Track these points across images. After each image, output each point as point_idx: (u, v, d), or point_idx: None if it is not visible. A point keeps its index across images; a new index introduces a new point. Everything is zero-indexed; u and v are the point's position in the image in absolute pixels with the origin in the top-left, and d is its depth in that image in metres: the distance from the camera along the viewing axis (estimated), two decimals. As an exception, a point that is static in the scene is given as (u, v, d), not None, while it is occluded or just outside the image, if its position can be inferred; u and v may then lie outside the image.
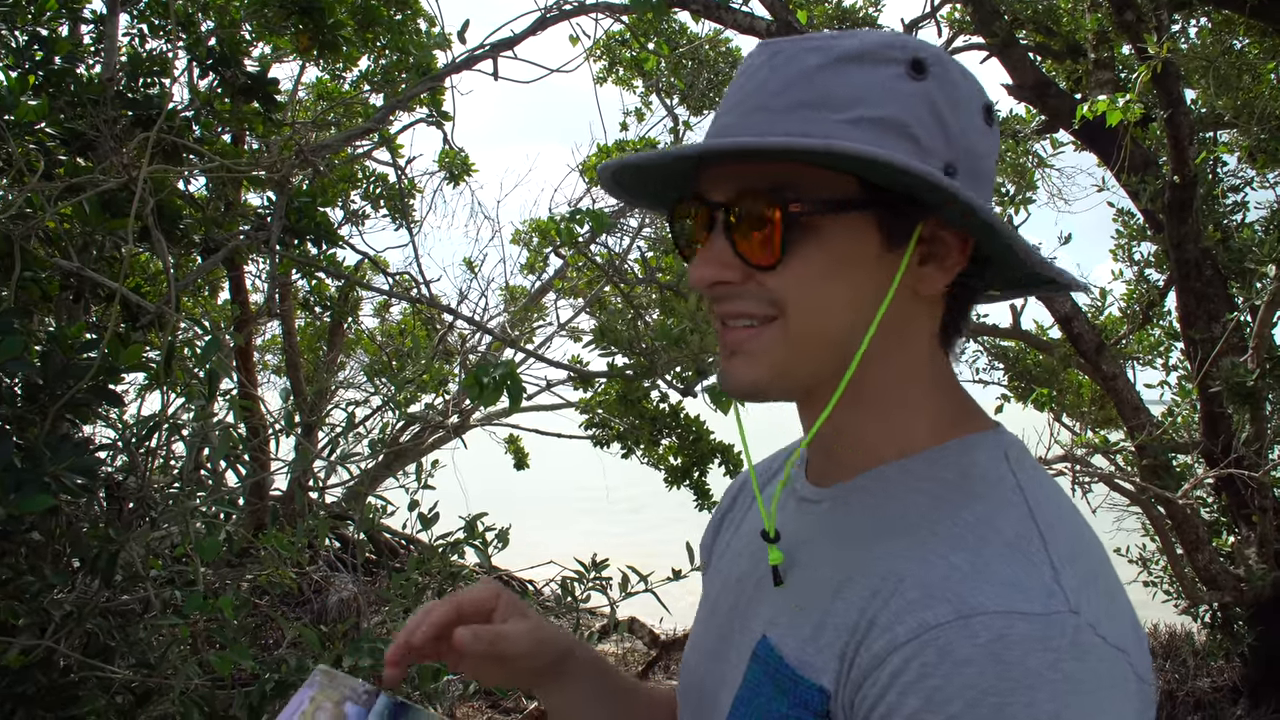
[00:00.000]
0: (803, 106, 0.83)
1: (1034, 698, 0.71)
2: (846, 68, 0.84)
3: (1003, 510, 0.83)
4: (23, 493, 2.13)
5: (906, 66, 0.84)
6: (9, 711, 2.37)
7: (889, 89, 0.83)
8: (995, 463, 0.88)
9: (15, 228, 2.73)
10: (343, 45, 4.33)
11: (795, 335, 0.87)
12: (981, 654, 0.73)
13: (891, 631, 0.78)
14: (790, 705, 0.84)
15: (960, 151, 0.85)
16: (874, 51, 0.84)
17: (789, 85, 0.84)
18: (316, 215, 3.88)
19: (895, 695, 0.75)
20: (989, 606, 0.75)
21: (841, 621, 0.83)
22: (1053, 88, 5.93)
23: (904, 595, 0.79)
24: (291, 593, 6.31)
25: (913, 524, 0.85)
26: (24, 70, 3.16)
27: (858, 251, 0.86)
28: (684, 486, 7.16)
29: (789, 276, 0.85)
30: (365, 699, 0.96)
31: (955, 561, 0.79)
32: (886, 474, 0.90)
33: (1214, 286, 5.56)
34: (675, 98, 7.85)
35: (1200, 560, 5.37)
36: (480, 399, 3.04)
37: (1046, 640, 0.73)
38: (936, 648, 0.74)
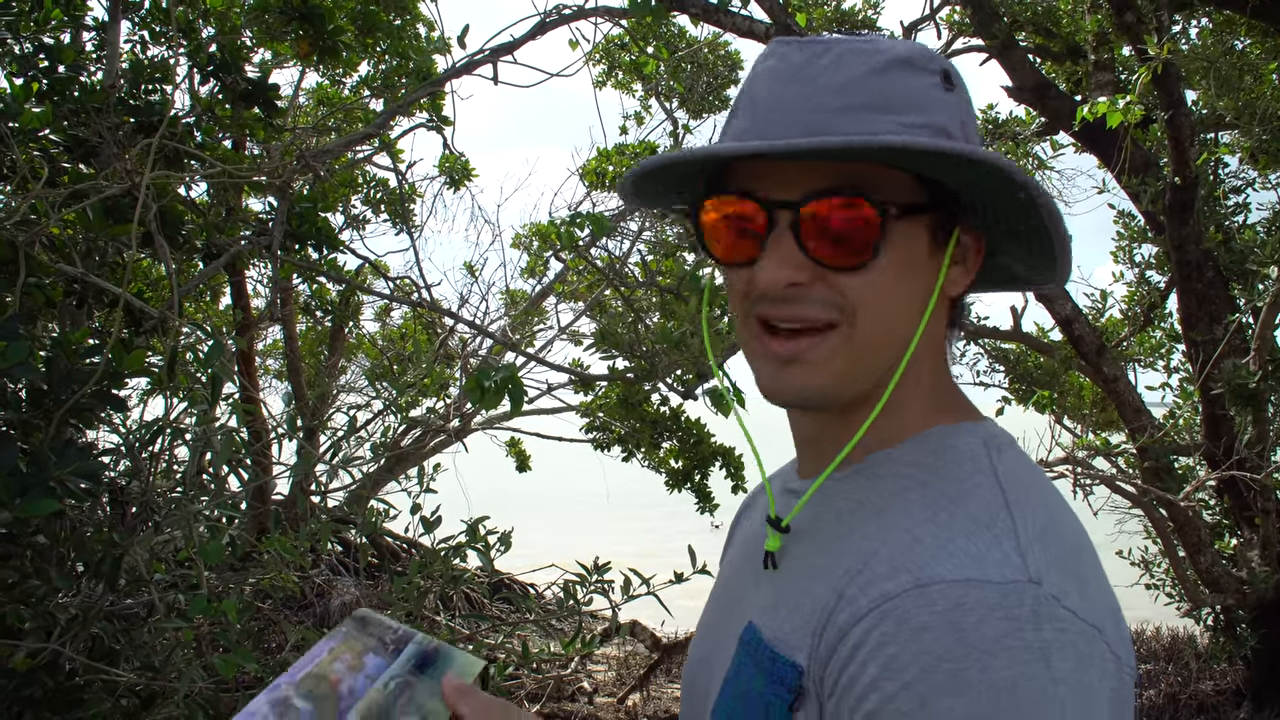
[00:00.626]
0: (865, 109, 0.84)
1: (989, 663, 0.71)
2: (899, 73, 0.86)
3: (973, 490, 0.84)
4: (28, 497, 2.14)
5: (941, 77, 0.88)
6: (16, 714, 2.38)
7: (934, 97, 0.87)
8: (972, 447, 0.89)
9: (20, 234, 2.74)
10: (343, 51, 4.34)
11: (860, 341, 0.87)
12: (938, 620, 0.73)
13: (855, 604, 0.79)
14: (768, 682, 0.85)
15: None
16: (917, 59, 0.87)
17: (848, 86, 0.84)
18: (318, 220, 3.89)
19: (856, 666, 0.76)
20: (946, 576, 0.76)
21: (817, 602, 0.84)
22: (1053, 90, 5.93)
23: (871, 569, 0.80)
24: (294, 596, 6.32)
25: (887, 505, 0.86)
26: (28, 78, 3.17)
27: (914, 255, 0.88)
28: (685, 489, 7.17)
29: (866, 279, 0.85)
30: (393, 647, 0.96)
31: (919, 534, 0.80)
32: (873, 462, 0.92)
33: (1215, 288, 5.56)
34: (674, 101, 7.87)
35: (1202, 563, 5.37)
36: (482, 402, 3.05)
37: (1005, 608, 0.74)
38: (895, 617, 0.75)
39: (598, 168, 7.80)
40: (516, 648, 4.40)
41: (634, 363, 4.14)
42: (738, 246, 0.89)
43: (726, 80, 7.72)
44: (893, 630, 0.75)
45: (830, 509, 0.92)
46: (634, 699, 6.56)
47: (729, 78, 7.75)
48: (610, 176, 7.76)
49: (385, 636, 0.97)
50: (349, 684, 0.94)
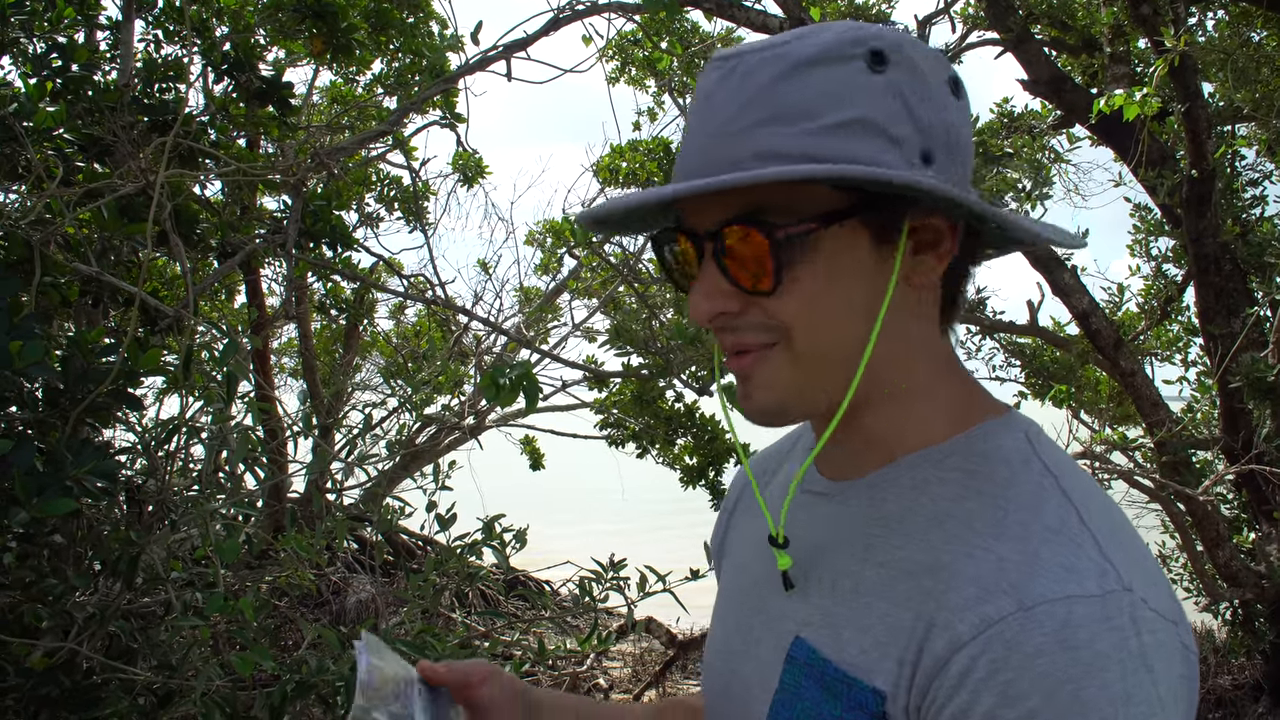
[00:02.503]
0: (769, 122, 0.81)
1: (1106, 679, 0.71)
2: (807, 73, 0.81)
3: (1038, 495, 0.82)
4: (45, 496, 2.14)
5: (866, 60, 0.82)
6: (33, 713, 2.39)
7: (853, 87, 0.81)
8: (1019, 446, 0.87)
9: (35, 234, 2.75)
10: (356, 49, 4.34)
11: (802, 355, 0.85)
12: (1050, 643, 0.73)
13: (952, 630, 0.77)
14: (845, 708, 0.83)
15: (934, 134, 0.83)
16: (831, 51, 0.82)
17: (750, 102, 0.81)
18: (332, 218, 3.89)
19: (967, 695, 0.75)
20: (1048, 594, 0.74)
21: (893, 622, 0.81)
22: (1068, 82, 5.89)
23: (959, 592, 0.78)
24: (310, 594, 6.34)
25: (946, 515, 0.84)
26: (42, 77, 3.18)
27: (851, 258, 0.84)
28: (700, 486, 7.16)
29: (788, 298, 0.84)
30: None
31: (1003, 553, 0.78)
32: (912, 465, 0.89)
33: (1233, 281, 5.52)
34: (688, 97, 7.84)
35: (1221, 557, 5.33)
36: (497, 400, 3.05)
37: (1109, 620, 0.73)
38: (1003, 641, 0.74)
39: (611, 164, 7.78)
40: (532, 644, 4.41)
41: (648, 359, 4.14)
42: (683, 279, 0.91)
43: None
44: (1003, 656, 0.73)
45: (869, 516, 0.89)
46: (650, 695, 6.57)
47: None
48: (624, 173, 7.75)
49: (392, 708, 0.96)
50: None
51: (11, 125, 2.84)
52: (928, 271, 0.87)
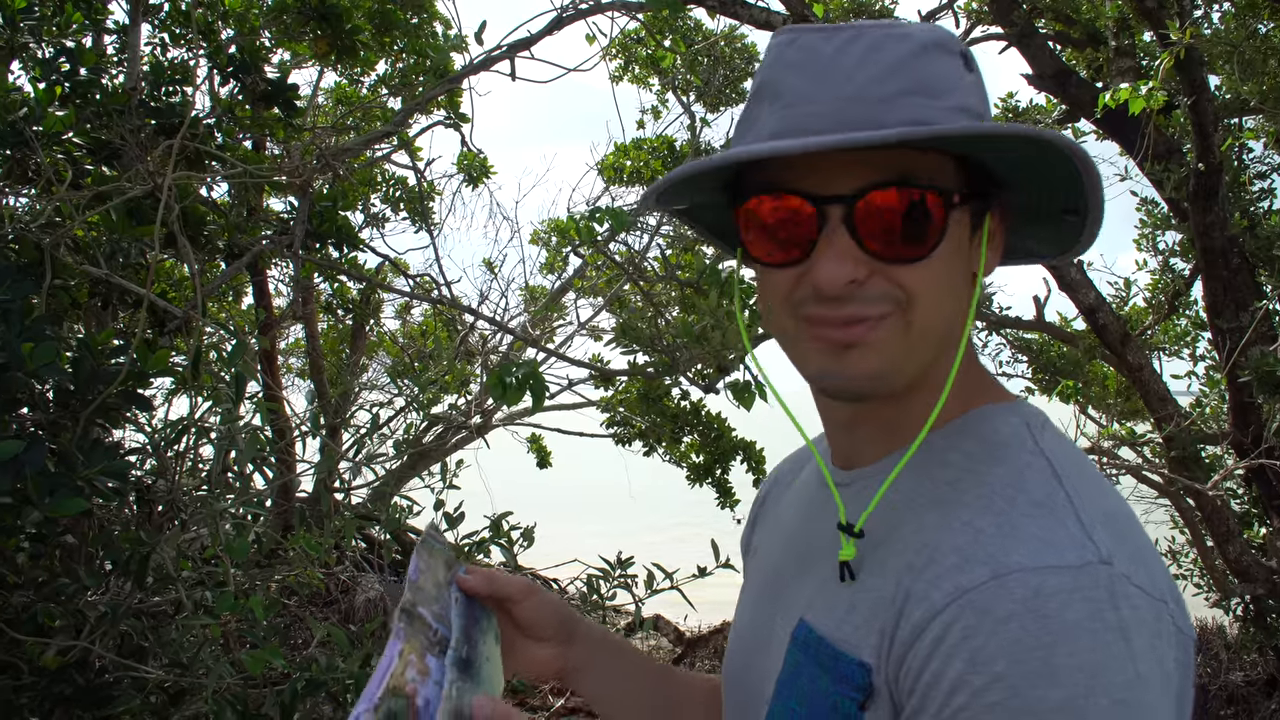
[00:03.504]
0: (907, 94, 0.82)
1: (1075, 647, 0.72)
2: (934, 56, 0.85)
3: (1026, 472, 0.83)
4: (57, 496, 2.16)
5: (962, 59, 0.87)
6: (47, 711, 2.41)
7: (963, 79, 0.86)
8: (1015, 429, 0.89)
9: (45, 236, 2.77)
10: (360, 50, 4.35)
11: (916, 329, 0.86)
12: (1021, 609, 0.73)
13: (928, 599, 0.78)
14: (833, 681, 0.85)
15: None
16: (944, 43, 0.86)
17: (888, 73, 0.82)
18: (338, 219, 3.91)
19: (939, 661, 0.76)
20: (1023, 564, 0.75)
21: (877, 596, 0.83)
22: (1073, 77, 5.88)
23: (938, 563, 0.79)
24: (319, 593, 6.36)
25: (940, 495, 0.86)
26: (51, 81, 3.20)
27: (960, 242, 0.88)
28: (706, 484, 7.16)
29: (926, 269, 0.84)
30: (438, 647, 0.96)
31: (981, 525, 0.80)
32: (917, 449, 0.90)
33: (1241, 275, 5.50)
34: (692, 95, 7.85)
35: (1231, 552, 5.31)
36: (504, 398, 3.05)
37: (1083, 590, 0.74)
38: (975, 609, 0.75)
39: (615, 163, 7.79)
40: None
41: (655, 357, 4.14)
42: (784, 246, 0.86)
43: (743, 73, 7.69)
44: (975, 622, 0.75)
45: (871, 499, 0.91)
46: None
47: (746, 70, 7.72)
48: (628, 171, 7.76)
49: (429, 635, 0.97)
50: (424, 694, 0.92)
51: (22, 129, 2.86)
52: (990, 264, 0.92)
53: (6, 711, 2.38)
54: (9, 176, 3.15)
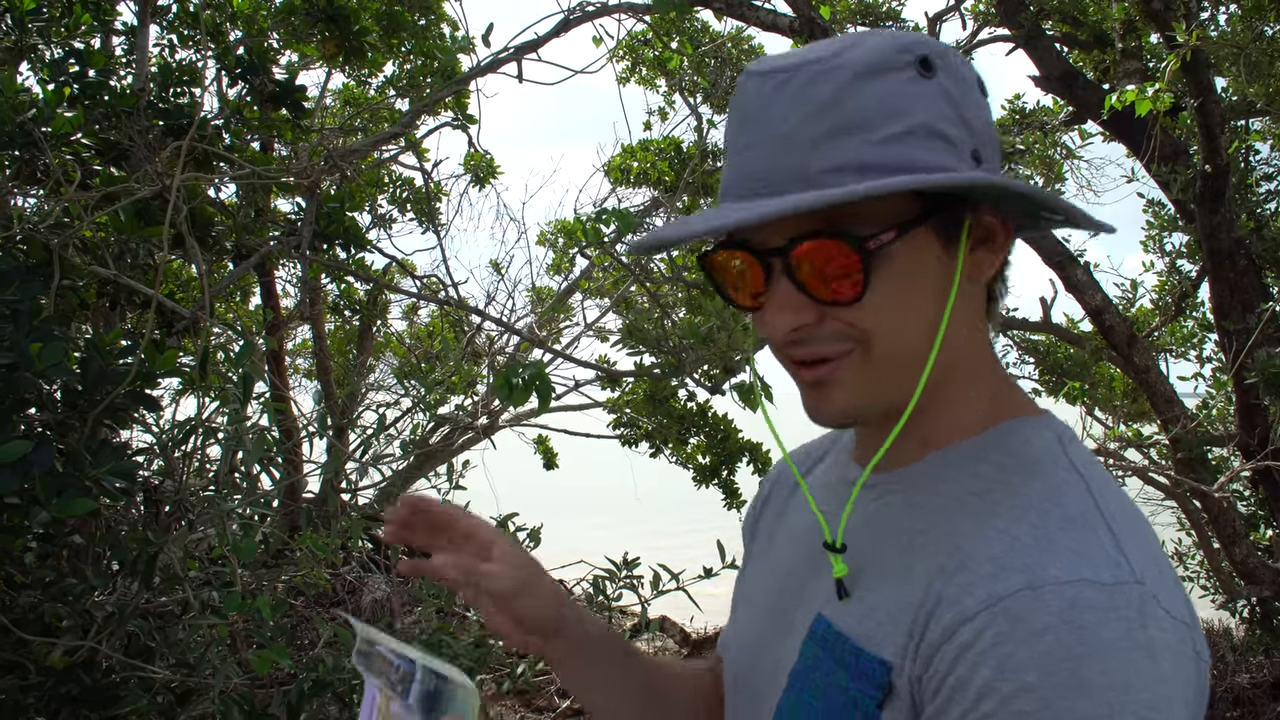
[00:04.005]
0: (835, 135, 0.81)
1: (1108, 665, 0.72)
2: (866, 84, 0.82)
3: (1062, 488, 0.83)
4: (64, 496, 2.17)
5: (916, 68, 0.84)
6: (54, 711, 2.42)
7: (910, 95, 0.83)
8: (1049, 444, 0.88)
9: (54, 237, 2.78)
10: (368, 52, 4.36)
11: (878, 359, 0.87)
12: (1056, 621, 0.73)
13: (960, 604, 0.78)
14: (852, 678, 0.85)
15: (980, 134, 0.87)
16: (885, 60, 0.83)
17: (817, 114, 0.82)
18: (345, 220, 3.92)
19: (966, 667, 0.76)
20: (1060, 576, 0.76)
21: (906, 599, 0.83)
22: (1080, 78, 5.88)
23: (971, 570, 0.79)
24: (326, 593, 6.37)
25: (971, 504, 0.85)
26: (59, 83, 3.21)
27: (922, 262, 0.86)
28: (712, 485, 7.16)
29: (870, 307, 0.85)
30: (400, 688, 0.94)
31: (1017, 534, 0.80)
32: (944, 458, 0.91)
33: (1248, 277, 5.49)
34: (698, 96, 7.85)
35: (1237, 554, 5.30)
36: (510, 399, 3.06)
37: (1118, 609, 0.74)
38: (1009, 617, 0.75)
39: (622, 164, 7.80)
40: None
41: (661, 359, 4.15)
42: (745, 295, 0.90)
43: (750, 74, 7.68)
44: (1007, 630, 0.75)
45: (900, 505, 0.91)
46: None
47: (753, 72, 7.71)
48: (635, 173, 7.76)
49: (390, 675, 0.94)
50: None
51: (30, 130, 2.87)
52: (985, 267, 0.90)
53: (13, 711, 2.39)
54: (18, 177, 3.17)
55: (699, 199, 7.43)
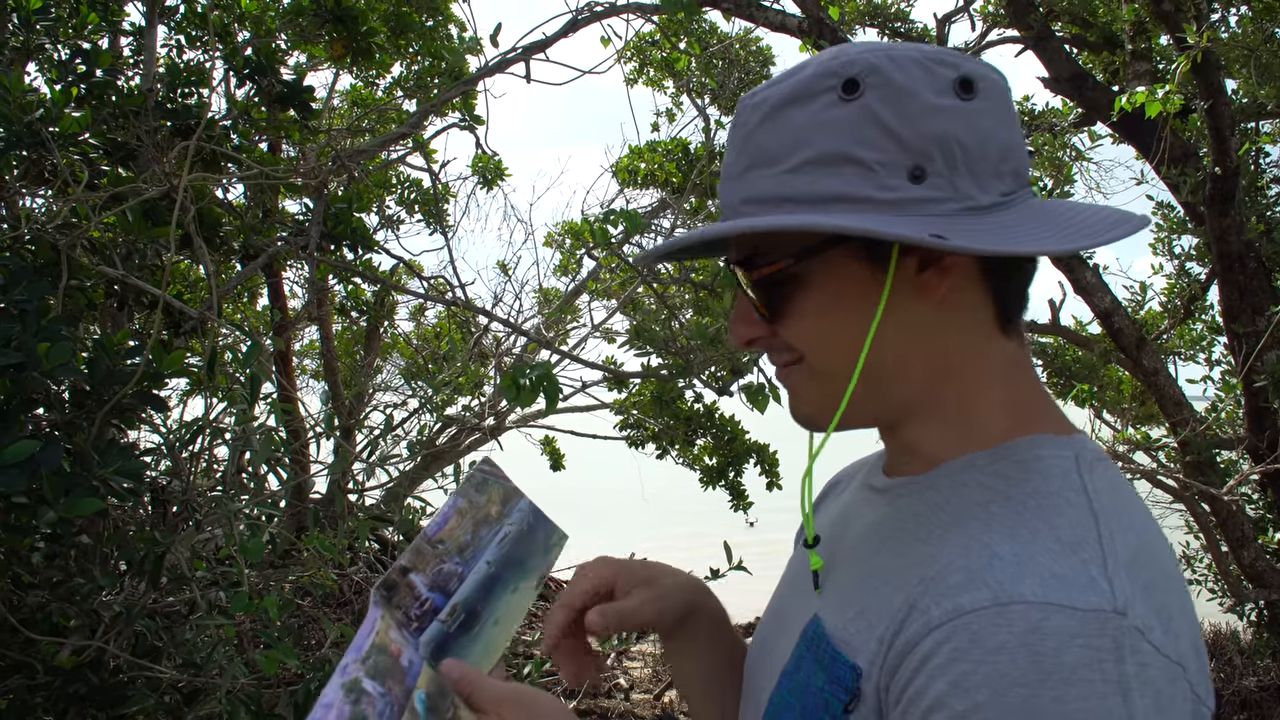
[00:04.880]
0: (752, 168, 0.87)
1: (1065, 693, 0.69)
2: (785, 113, 0.85)
3: (1061, 509, 0.80)
4: (72, 496, 2.17)
5: (838, 91, 0.84)
6: (62, 710, 2.42)
7: (822, 122, 0.84)
8: (1062, 463, 0.85)
9: (61, 237, 2.79)
10: (376, 52, 4.37)
11: (818, 373, 0.91)
12: (1015, 642, 0.71)
13: (927, 614, 0.77)
14: (826, 680, 0.85)
15: (927, 147, 0.82)
16: (803, 89, 0.85)
17: (741, 149, 0.88)
18: (353, 221, 3.92)
19: (924, 679, 0.75)
20: (1028, 596, 0.73)
21: (886, 607, 0.83)
22: (1089, 80, 5.86)
23: (945, 580, 0.78)
24: (333, 594, 6.38)
25: (971, 516, 0.83)
26: (67, 83, 3.22)
27: (849, 283, 0.87)
28: (719, 486, 7.15)
29: (792, 326, 0.90)
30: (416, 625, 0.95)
31: (1000, 551, 0.78)
32: (953, 468, 0.89)
33: (1257, 279, 5.47)
34: (706, 97, 7.85)
35: (1246, 557, 5.28)
36: (517, 400, 3.06)
37: (1086, 637, 0.71)
38: (969, 633, 0.73)
39: (630, 165, 7.79)
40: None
41: (669, 360, 4.14)
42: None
43: (758, 76, 7.69)
44: (965, 647, 0.73)
45: (907, 511, 0.90)
46: (670, 695, 6.57)
47: (760, 74, 7.71)
48: (643, 174, 7.76)
49: (410, 609, 0.96)
50: (408, 655, 0.93)
51: (38, 130, 2.88)
52: (936, 287, 0.87)
53: (21, 710, 2.39)
54: (25, 177, 3.18)
55: (706, 200, 7.42)
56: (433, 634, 0.95)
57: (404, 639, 0.94)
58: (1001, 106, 0.87)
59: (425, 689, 0.92)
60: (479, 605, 0.99)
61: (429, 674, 0.93)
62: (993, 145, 0.85)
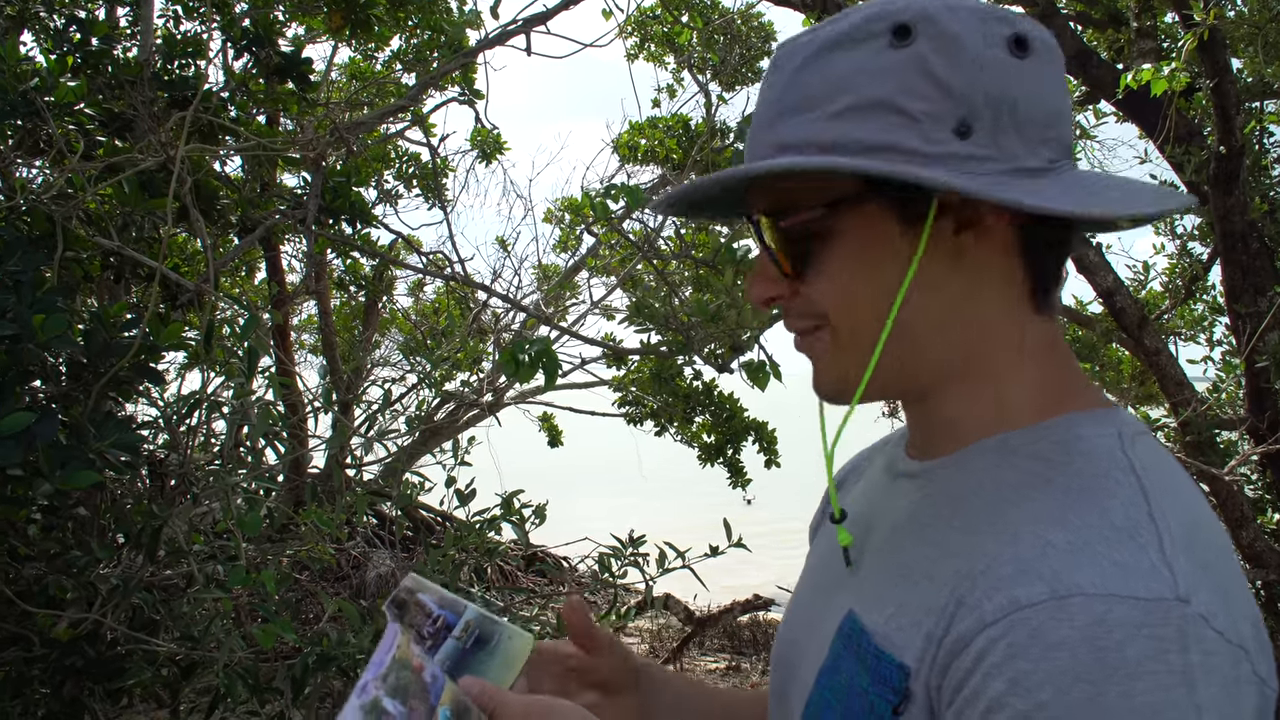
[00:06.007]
0: (790, 113, 0.82)
1: (1132, 688, 0.66)
2: (830, 57, 0.81)
3: (1111, 490, 0.76)
4: (69, 469, 2.16)
5: (889, 37, 0.80)
6: (59, 683, 2.42)
7: (870, 68, 0.80)
8: (1105, 440, 0.81)
9: (57, 208, 2.76)
10: (375, 24, 4.33)
11: (842, 338, 0.86)
12: (1076, 637, 0.68)
13: (980, 609, 0.73)
14: (872, 681, 0.81)
15: (973, 102, 0.79)
16: (854, 32, 0.81)
17: (780, 93, 0.83)
18: (351, 195, 3.90)
19: (980, 678, 0.71)
20: (1087, 588, 0.70)
21: (930, 601, 0.79)
22: (1094, 58, 5.82)
23: (995, 572, 0.74)
24: (331, 568, 6.38)
25: (1009, 501, 0.80)
26: (63, 52, 3.19)
27: (879, 240, 0.83)
28: (717, 464, 7.16)
29: (819, 284, 0.85)
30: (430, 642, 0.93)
31: (1052, 539, 0.74)
32: (985, 448, 0.85)
33: (1260, 260, 5.44)
34: (708, 73, 7.80)
35: (1245, 538, 5.29)
36: (516, 376, 3.04)
37: (1150, 628, 0.68)
38: (1028, 629, 0.70)
39: (630, 141, 7.75)
40: (551, 620, 4.42)
41: (669, 336, 4.13)
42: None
43: (760, 51, 7.64)
44: (1024, 643, 0.69)
45: (941, 497, 0.87)
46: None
47: (762, 49, 7.66)
48: (643, 150, 7.72)
49: (424, 627, 0.94)
50: (430, 669, 0.91)
51: (33, 100, 2.85)
52: (974, 252, 0.83)
53: (18, 683, 2.39)
54: (21, 147, 3.15)
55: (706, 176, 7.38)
56: (448, 651, 0.92)
57: (424, 654, 0.92)
58: (1054, 70, 0.84)
59: (449, 705, 0.89)
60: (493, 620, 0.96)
61: (452, 689, 0.90)
62: (1041, 109, 0.82)
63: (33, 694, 2.45)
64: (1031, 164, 0.81)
